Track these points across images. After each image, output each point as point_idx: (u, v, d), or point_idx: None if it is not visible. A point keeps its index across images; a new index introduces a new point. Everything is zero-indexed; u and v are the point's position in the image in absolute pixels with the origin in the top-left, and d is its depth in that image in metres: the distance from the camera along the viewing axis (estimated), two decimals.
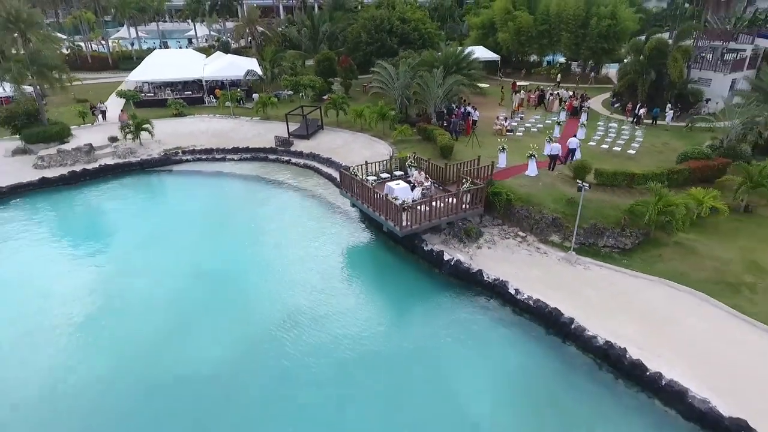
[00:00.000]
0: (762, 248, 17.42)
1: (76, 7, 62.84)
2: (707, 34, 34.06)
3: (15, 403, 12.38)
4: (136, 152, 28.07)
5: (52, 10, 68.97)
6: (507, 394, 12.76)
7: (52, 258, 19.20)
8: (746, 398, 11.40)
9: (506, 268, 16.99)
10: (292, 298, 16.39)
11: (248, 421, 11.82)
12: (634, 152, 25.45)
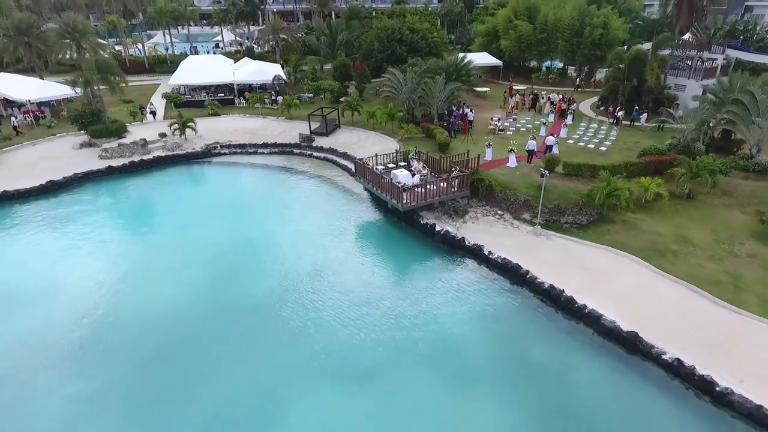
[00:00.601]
0: (692, 226, 21.72)
1: (110, 12, 68.65)
2: (682, 45, 38.06)
3: (136, 321, 17.28)
4: (182, 146, 33.15)
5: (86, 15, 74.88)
6: (479, 323, 17.30)
7: (129, 227, 24.33)
8: (642, 322, 15.82)
9: (485, 237, 21.54)
10: (314, 257, 21.14)
11: (278, 336, 16.53)
12: (606, 149, 29.77)
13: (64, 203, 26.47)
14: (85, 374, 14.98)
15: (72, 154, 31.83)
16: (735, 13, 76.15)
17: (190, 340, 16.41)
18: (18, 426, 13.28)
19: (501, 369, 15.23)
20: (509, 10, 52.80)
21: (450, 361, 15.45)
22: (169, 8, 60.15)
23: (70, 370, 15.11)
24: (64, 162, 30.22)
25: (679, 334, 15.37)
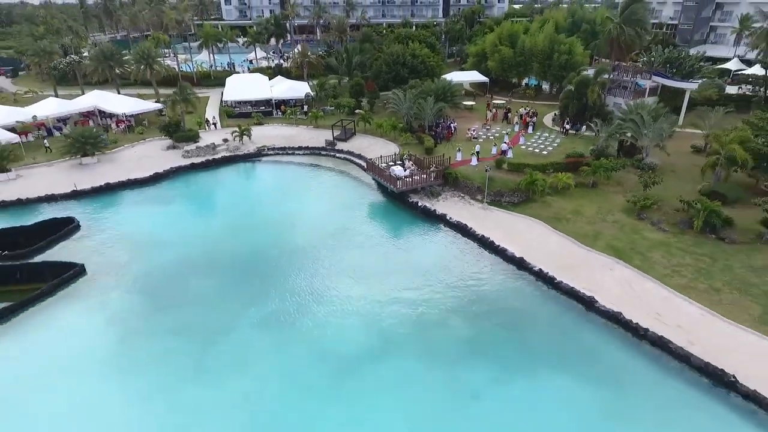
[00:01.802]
0: (586, 204, 33.11)
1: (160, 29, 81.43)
2: (618, 71, 49.22)
3: (226, 252, 29.21)
4: (240, 149, 45.23)
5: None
6: (437, 254, 28.94)
7: (211, 203, 36.54)
8: (530, 254, 27.33)
9: (450, 210, 33.20)
10: (339, 220, 32.88)
11: (293, 274, 28.00)
12: (547, 153, 41.22)
13: (166, 188, 38.72)
14: (204, 275, 26.86)
15: (162, 154, 44.10)
16: (701, 32, 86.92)
17: (257, 263, 28.24)
18: (178, 291, 25.19)
19: (446, 275, 26.83)
20: (495, 36, 64.41)
21: (416, 269, 27.12)
22: (213, 32, 72.55)
23: (195, 273, 27.02)
24: (159, 160, 42.49)
25: (549, 260, 26.89)
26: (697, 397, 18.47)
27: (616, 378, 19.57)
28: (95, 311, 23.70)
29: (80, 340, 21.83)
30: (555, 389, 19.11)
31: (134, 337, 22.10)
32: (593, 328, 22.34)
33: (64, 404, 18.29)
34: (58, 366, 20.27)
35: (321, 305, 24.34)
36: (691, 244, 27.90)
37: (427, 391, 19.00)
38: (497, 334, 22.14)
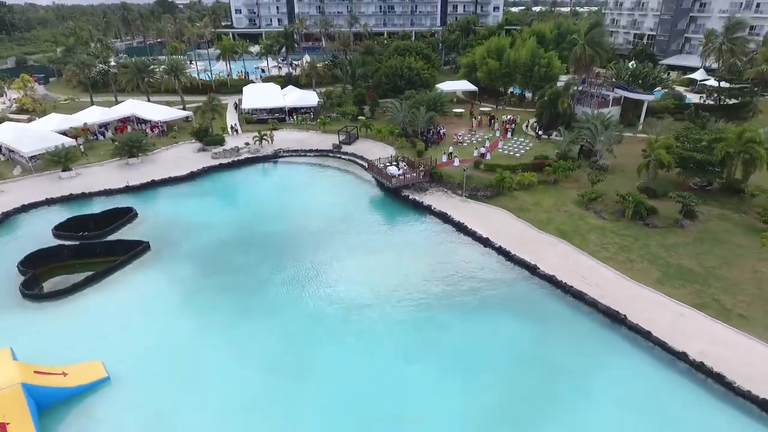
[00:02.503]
0: (546, 198, 40.64)
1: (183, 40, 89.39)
2: (586, 84, 56.74)
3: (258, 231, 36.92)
4: (260, 151, 52.94)
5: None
6: (423, 235, 36.59)
7: (239, 196, 44.29)
8: (495, 235, 34.94)
9: (435, 202, 40.83)
10: (343, 209, 40.55)
11: (308, 249, 35.78)
12: (520, 155, 48.82)
13: (201, 184, 46.50)
14: (238, 250, 34.43)
15: (194, 155, 51.87)
16: (676, 42, 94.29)
17: (278, 241, 35.89)
18: (220, 261, 32.78)
19: (429, 251, 34.39)
20: (484, 49, 72.01)
21: (405, 247, 34.72)
22: (230, 45, 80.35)
23: (231, 249, 34.64)
24: (193, 160, 50.28)
25: (509, 239, 34.46)
26: (598, 330, 26.08)
27: (545, 318, 27.16)
28: (162, 275, 31.46)
29: (154, 295, 29.57)
30: (501, 325, 26.72)
31: (193, 293, 29.82)
32: (534, 287, 29.96)
33: (147, 338, 25.87)
34: (140, 313, 27.97)
35: (331, 271, 32.01)
36: (622, 228, 35.50)
37: (412, 327, 26.59)
38: (464, 290, 29.72)
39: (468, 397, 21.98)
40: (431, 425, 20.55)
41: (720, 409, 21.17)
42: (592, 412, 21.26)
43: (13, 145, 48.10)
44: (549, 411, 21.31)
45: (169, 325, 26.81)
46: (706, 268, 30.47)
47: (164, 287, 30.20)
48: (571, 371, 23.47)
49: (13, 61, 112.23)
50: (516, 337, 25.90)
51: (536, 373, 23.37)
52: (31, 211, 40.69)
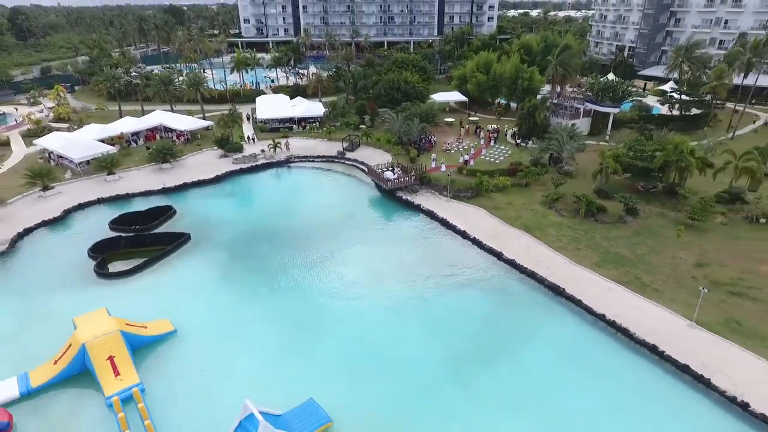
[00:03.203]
0: (517, 198, 48.41)
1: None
2: (560, 98, 64.48)
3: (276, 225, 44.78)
4: (274, 157, 60.78)
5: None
6: (412, 231, 44.39)
7: (258, 195, 52.18)
8: (471, 229, 42.69)
9: (424, 202, 48.64)
10: (345, 207, 48.39)
11: (318, 240, 43.61)
12: (499, 162, 56.59)
13: (226, 185, 54.37)
14: (261, 240, 42.28)
15: (217, 161, 59.75)
16: (654, 55, 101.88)
17: (292, 233, 43.68)
18: (248, 249, 40.64)
19: (416, 242, 42.17)
20: (473, 64, 79.73)
21: (398, 238, 42.51)
22: (243, 59, 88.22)
23: (255, 239, 42.47)
24: (216, 165, 58.14)
25: (482, 232, 42.25)
26: (543, 300, 33.89)
27: (504, 292, 34.94)
28: (203, 260, 39.33)
29: (198, 274, 37.42)
30: (470, 297, 34.48)
31: (229, 273, 37.67)
32: (497, 269, 37.75)
33: (199, 304, 33.66)
34: (190, 287, 35.84)
35: (337, 257, 39.82)
36: (576, 223, 43.26)
37: (403, 297, 34.32)
38: (443, 272, 37.49)
39: (443, 347, 29.72)
40: (416, 365, 28.27)
41: (622, 354, 28.95)
42: (532, 356, 29.00)
43: (63, 152, 56.08)
44: (502, 356, 29.06)
45: (213, 296, 34.69)
46: (637, 255, 38.26)
47: (206, 269, 38.08)
48: (520, 329, 31.28)
49: (38, 70, 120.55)
50: (480, 306, 33.71)
51: (494, 330, 31.19)
52: (86, 208, 48.61)
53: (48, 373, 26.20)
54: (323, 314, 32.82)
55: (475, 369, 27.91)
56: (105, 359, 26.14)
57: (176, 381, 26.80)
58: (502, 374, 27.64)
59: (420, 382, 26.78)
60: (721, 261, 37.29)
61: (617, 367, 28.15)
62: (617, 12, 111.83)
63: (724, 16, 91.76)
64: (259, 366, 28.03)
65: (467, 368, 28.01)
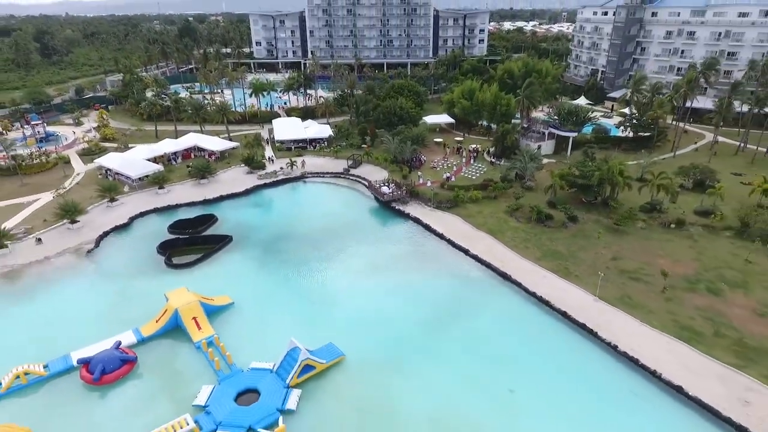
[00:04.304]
0: (486, 208, 61.10)
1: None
2: (528, 123, 77.37)
3: (294, 229, 57.62)
4: (291, 174, 73.73)
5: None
6: (403, 234, 57.13)
7: (280, 204, 65.19)
8: (448, 232, 55.37)
9: (413, 211, 61.36)
10: (348, 215, 61.22)
11: (330, 240, 56.39)
12: (475, 177, 69.43)
13: (254, 197, 67.30)
14: (286, 240, 54.99)
15: (244, 177, 72.68)
16: (622, 78, 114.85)
17: (309, 235, 56.38)
18: (277, 248, 53.34)
19: (405, 242, 54.86)
20: (459, 91, 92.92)
21: (391, 238, 55.22)
22: (260, 85, 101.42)
23: (281, 240, 55.23)
24: (245, 181, 71.07)
25: (456, 234, 54.87)
26: (494, 283, 46.56)
27: (466, 278, 47.57)
28: (243, 255, 52.12)
29: (242, 265, 50.20)
30: (440, 280, 47.09)
31: (264, 264, 50.44)
32: (465, 261, 50.44)
33: (246, 284, 46.32)
34: (237, 273, 48.58)
35: (344, 253, 52.54)
36: (529, 228, 55.98)
37: (391, 281, 46.87)
38: (423, 262, 50.14)
39: (421, 312, 42.25)
40: (401, 323, 40.75)
41: (545, 318, 41.60)
42: (483, 320, 41.57)
43: (122, 170, 69.14)
44: (462, 318, 41.59)
45: (255, 280, 47.56)
46: (570, 251, 50.99)
47: (247, 262, 50.96)
48: (476, 301, 43.95)
49: (73, 90, 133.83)
50: (450, 286, 46.39)
51: (458, 303, 43.84)
52: (145, 216, 61.50)
53: (153, 328, 39.01)
54: (335, 291, 45.72)
55: (442, 326, 40.61)
56: (191, 319, 38.89)
57: (237, 333, 39.54)
58: (462, 329, 40.30)
59: (404, 334, 39.49)
60: (631, 256, 50.07)
61: (540, 327, 40.84)
62: (591, 39, 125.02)
63: (680, 46, 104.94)
64: (293, 324, 40.62)
65: (437, 326, 40.70)
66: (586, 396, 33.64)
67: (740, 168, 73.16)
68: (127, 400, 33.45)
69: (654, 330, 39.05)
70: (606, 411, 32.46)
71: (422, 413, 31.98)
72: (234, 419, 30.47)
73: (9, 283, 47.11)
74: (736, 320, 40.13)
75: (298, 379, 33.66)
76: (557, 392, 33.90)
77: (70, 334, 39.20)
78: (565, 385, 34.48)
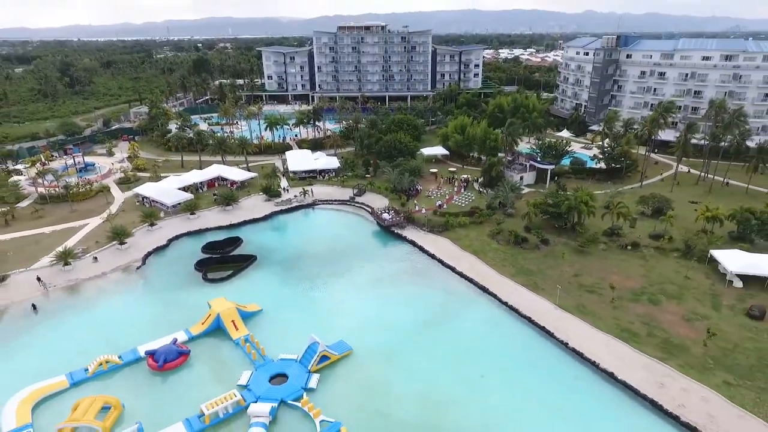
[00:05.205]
0: (472, 232, 71.30)
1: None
2: (511, 156, 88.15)
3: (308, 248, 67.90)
4: (303, 201, 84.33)
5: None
6: (399, 254, 67.28)
7: (294, 227, 75.68)
8: (439, 252, 65.50)
9: (409, 234, 71.61)
10: (352, 238, 71.58)
11: (339, 259, 66.56)
12: (464, 205, 79.86)
13: (273, 222, 77.80)
14: (302, 259, 65.15)
15: (263, 204, 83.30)
16: (602, 113, 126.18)
17: (322, 255, 66.61)
18: (296, 265, 63.47)
19: (402, 260, 64.92)
20: (452, 126, 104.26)
21: (390, 257, 65.34)
22: (274, 119, 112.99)
23: (298, 258, 65.38)
24: (264, 207, 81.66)
25: (446, 254, 64.95)
26: (473, 295, 56.45)
27: (451, 289, 57.47)
28: (267, 272, 62.33)
29: (266, 280, 60.38)
30: (430, 291, 57.02)
31: (285, 278, 60.58)
32: (451, 277, 60.39)
33: (271, 294, 56.35)
34: (263, 287, 58.68)
35: (349, 269, 62.63)
36: (508, 249, 66.10)
37: (388, 290, 56.89)
38: (417, 277, 60.16)
39: (413, 315, 52.14)
40: (398, 324, 50.63)
41: (513, 323, 51.43)
42: (461, 325, 51.34)
43: (158, 198, 79.91)
44: (442, 324, 51.44)
45: (279, 290, 57.71)
46: (540, 269, 61.00)
47: (271, 276, 61.18)
48: (457, 309, 53.81)
49: (101, 121, 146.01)
50: (437, 295, 56.31)
51: (440, 310, 53.67)
52: (180, 238, 71.99)
53: (200, 329, 49.06)
54: (344, 300, 55.86)
55: (430, 328, 50.51)
56: (230, 321, 48.92)
57: (267, 332, 49.46)
58: (446, 330, 50.15)
59: (399, 333, 49.35)
60: (590, 273, 60.06)
61: (509, 329, 50.70)
62: (575, 76, 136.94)
63: (653, 85, 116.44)
64: (311, 326, 50.32)
65: (426, 327, 50.60)
66: (540, 380, 43.33)
67: (698, 197, 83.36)
68: (185, 381, 43.36)
69: (599, 331, 48.86)
70: (555, 390, 42.06)
71: (412, 391, 41.75)
72: (269, 394, 40.31)
73: (76, 294, 57.47)
74: (666, 324, 49.92)
75: (317, 366, 43.54)
76: (518, 377, 43.68)
77: (131, 334, 49.19)
78: (525, 372, 44.27)
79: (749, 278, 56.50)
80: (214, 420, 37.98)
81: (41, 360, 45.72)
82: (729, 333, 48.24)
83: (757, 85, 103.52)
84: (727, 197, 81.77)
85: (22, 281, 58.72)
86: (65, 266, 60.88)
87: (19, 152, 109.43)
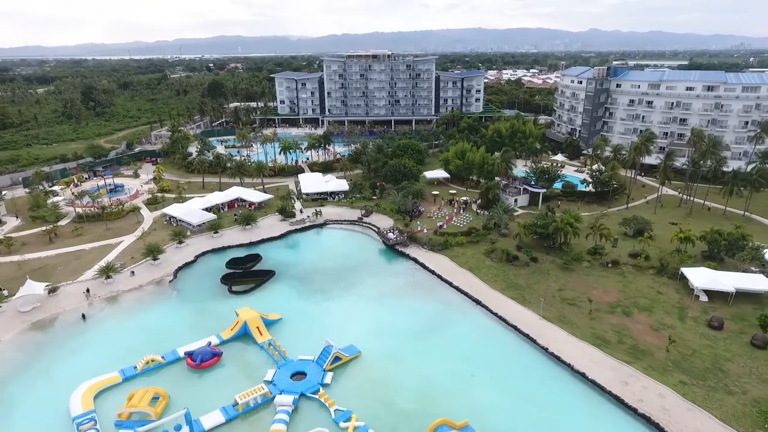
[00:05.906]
0: (469, 250, 78.88)
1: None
2: (506, 180, 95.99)
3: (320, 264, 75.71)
4: (315, 221, 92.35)
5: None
6: (402, 269, 74.83)
7: (307, 245, 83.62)
8: (438, 268, 73.08)
9: (411, 252, 79.23)
10: (360, 255, 79.27)
11: (349, 274, 74.27)
12: (462, 225, 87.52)
13: (289, 240, 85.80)
14: (317, 273, 72.79)
15: (279, 223, 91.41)
16: (594, 138, 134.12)
17: (334, 270, 74.28)
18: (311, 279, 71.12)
19: (404, 276, 72.44)
20: (453, 151, 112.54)
21: (394, 273, 72.89)
22: (289, 144, 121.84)
23: (313, 273, 73.06)
24: (280, 226, 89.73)
25: (445, 270, 72.31)
26: (467, 306, 63.82)
27: (447, 301, 64.85)
28: (284, 285, 70.08)
29: (284, 292, 68.10)
30: (427, 304, 64.43)
31: (301, 291, 68.24)
32: (448, 291, 67.80)
33: (290, 305, 64.01)
34: (282, 298, 66.36)
35: (358, 284, 70.17)
36: (500, 266, 73.53)
37: (393, 302, 64.39)
38: (416, 290, 67.60)
39: (413, 323, 59.51)
40: (399, 331, 58.07)
41: (502, 332, 58.69)
42: (456, 332, 58.62)
43: (185, 218, 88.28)
44: (439, 331, 58.71)
45: (296, 301, 65.35)
46: (528, 284, 68.34)
47: (288, 289, 68.93)
48: (452, 318, 61.13)
49: (124, 144, 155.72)
50: (434, 307, 63.68)
51: (438, 320, 60.99)
52: (206, 255, 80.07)
53: (229, 334, 56.76)
54: (353, 310, 63.46)
55: (429, 335, 57.85)
56: (255, 327, 56.59)
57: (287, 337, 57.01)
58: (442, 337, 57.47)
59: (402, 339, 56.73)
60: (573, 288, 67.31)
61: (497, 336, 57.95)
62: (570, 103, 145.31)
63: (641, 113, 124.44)
64: (325, 332, 57.79)
65: (425, 334, 57.94)
66: (523, 379, 50.49)
67: (679, 218, 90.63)
68: (219, 377, 50.92)
69: (576, 339, 56.01)
70: (535, 387, 49.16)
71: (411, 386, 49.06)
72: (291, 388, 47.78)
73: (117, 304, 65.49)
74: (636, 333, 57.00)
75: (331, 365, 51.03)
76: (503, 376, 50.89)
77: (169, 338, 56.90)
78: (510, 372, 51.49)
79: (714, 293, 63.53)
80: (246, 408, 45.44)
81: (95, 359, 53.51)
82: (690, 341, 55.24)
83: (738, 114, 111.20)
84: (706, 219, 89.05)
85: (71, 292, 66.87)
86: (107, 279, 69.01)
87: (52, 174, 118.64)
